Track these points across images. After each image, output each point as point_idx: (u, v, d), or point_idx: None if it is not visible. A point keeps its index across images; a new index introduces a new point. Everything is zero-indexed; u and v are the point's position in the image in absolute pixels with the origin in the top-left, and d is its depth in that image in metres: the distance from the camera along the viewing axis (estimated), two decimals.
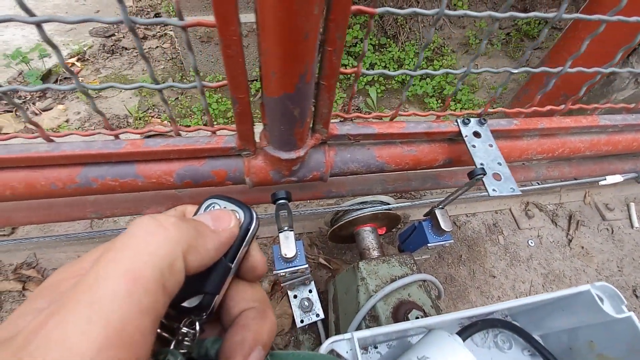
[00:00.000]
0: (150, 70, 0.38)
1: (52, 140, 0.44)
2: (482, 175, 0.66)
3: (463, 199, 1.38)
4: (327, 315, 1.00)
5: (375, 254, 0.94)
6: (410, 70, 0.46)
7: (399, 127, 0.54)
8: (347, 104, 0.51)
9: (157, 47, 2.01)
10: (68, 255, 1.10)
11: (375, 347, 0.54)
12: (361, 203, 0.95)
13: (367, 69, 1.97)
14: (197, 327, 0.22)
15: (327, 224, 1.03)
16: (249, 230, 0.24)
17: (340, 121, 0.53)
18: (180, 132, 0.48)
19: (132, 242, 0.17)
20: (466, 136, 0.56)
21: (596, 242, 1.39)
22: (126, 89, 0.43)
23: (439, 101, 1.93)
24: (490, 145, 0.56)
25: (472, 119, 0.59)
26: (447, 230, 0.85)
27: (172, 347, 0.21)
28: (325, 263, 1.19)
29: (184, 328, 0.21)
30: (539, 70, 0.54)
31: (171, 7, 2.24)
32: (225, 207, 0.24)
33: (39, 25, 0.31)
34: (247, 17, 1.63)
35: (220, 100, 1.74)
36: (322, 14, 0.31)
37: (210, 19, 0.32)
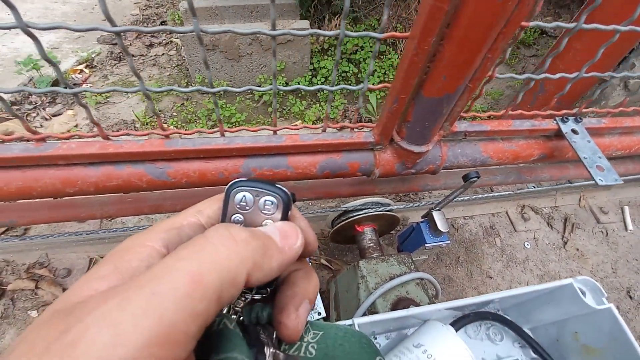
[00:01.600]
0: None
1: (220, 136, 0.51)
2: (476, 179, 0.70)
3: (461, 202, 1.42)
4: (329, 314, 1.03)
5: (375, 253, 0.97)
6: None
7: (507, 124, 0.60)
8: (347, 109, 0.56)
9: (163, 54, 2.07)
10: (79, 256, 1.14)
11: (375, 338, 0.58)
12: (362, 205, 0.99)
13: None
14: (268, 291, 0.25)
15: (328, 225, 1.07)
16: (289, 208, 0.25)
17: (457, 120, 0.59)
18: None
19: (204, 247, 0.18)
20: (566, 133, 0.61)
21: (591, 244, 1.43)
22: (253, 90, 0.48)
23: None
24: (588, 141, 0.61)
25: (569, 118, 0.64)
26: (443, 231, 0.89)
27: (224, 312, 0.23)
28: (326, 264, 1.23)
29: (255, 295, 0.24)
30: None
31: (177, 16, 2.30)
32: (257, 197, 0.24)
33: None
34: (252, 27, 1.68)
35: (224, 106, 1.79)
36: None
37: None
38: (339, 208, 1.02)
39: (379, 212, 0.97)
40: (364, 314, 0.77)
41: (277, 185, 0.25)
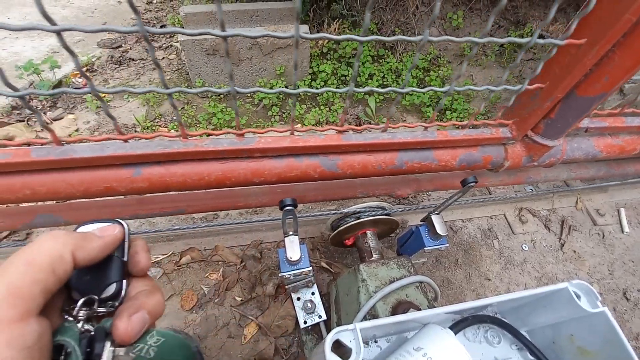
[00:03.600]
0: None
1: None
2: (474, 183, 0.71)
3: (459, 205, 1.43)
4: (329, 317, 1.04)
5: (375, 257, 0.99)
6: None
7: (621, 121, 0.66)
8: (346, 112, 0.60)
9: (163, 58, 2.08)
10: None
11: (376, 342, 0.59)
12: (362, 208, 1.00)
13: (365, 79, 2.04)
14: (100, 306, 0.30)
15: (328, 228, 1.08)
16: (125, 234, 0.32)
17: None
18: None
19: (32, 246, 0.26)
20: None
21: (588, 246, 1.44)
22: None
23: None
24: None
25: None
26: (442, 234, 0.90)
27: (70, 324, 0.28)
28: (326, 267, 1.24)
29: (102, 308, 0.30)
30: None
31: (177, 20, 2.32)
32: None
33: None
34: (253, 32, 1.70)
35: (224, 110, 1.80)
36: None
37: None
38: (338, 211, 1.03)
39: (379, 217, 0.98)
40: (365, 317, 0.79)
41: (117, 220, 0.32)
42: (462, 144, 0.60)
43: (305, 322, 1.02)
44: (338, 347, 0.47)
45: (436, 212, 0.93)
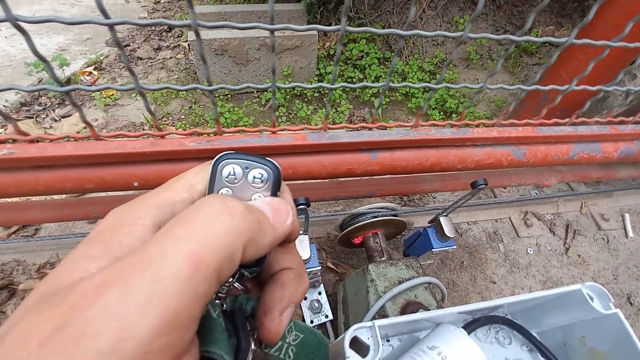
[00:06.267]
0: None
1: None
2: (484, 186, 0.72)
3: (465, 208, 1.44)
4: (336, 317, 1.05)
5: (383, 257, 0.99)
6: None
7: None
8: (352, 114, 0.63)
9: (171, 57, 2.10)
10: None
11: (388, 340, 0.60)
12: (369, 209, 1.01)
13: (372, 81, 2.05)
14: (246, 279, 0.24)
15: (337, 229, 1.09)
16: (279, 182, 0.23)
17: None
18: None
19: (200, 223, 0.17)
20: None
21: (592, 250, 1.45)
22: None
23: (441, 113, 2.00)
24: None
25: None
26: (450, 236, 0.91)
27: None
28: (333, 267, 1.25)
29: (236, 283, 0.23)
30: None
31: (185, 19, 2.33)
32: (246, 170, 0.23)
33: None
34: (261, 32, 1.71)
35: (231, 110, 1.81)
36: None
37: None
38: (346, 212, 1.03)
39: (388, 218, 0.99)
40: (374, 317, 0.79)
41: (267, 159, 0.23)
42: (625, 138, 0.65)
43: (312, 322, 1.03)
44: (353, 344, 0.47)
45: (444, 214, 0.94)
